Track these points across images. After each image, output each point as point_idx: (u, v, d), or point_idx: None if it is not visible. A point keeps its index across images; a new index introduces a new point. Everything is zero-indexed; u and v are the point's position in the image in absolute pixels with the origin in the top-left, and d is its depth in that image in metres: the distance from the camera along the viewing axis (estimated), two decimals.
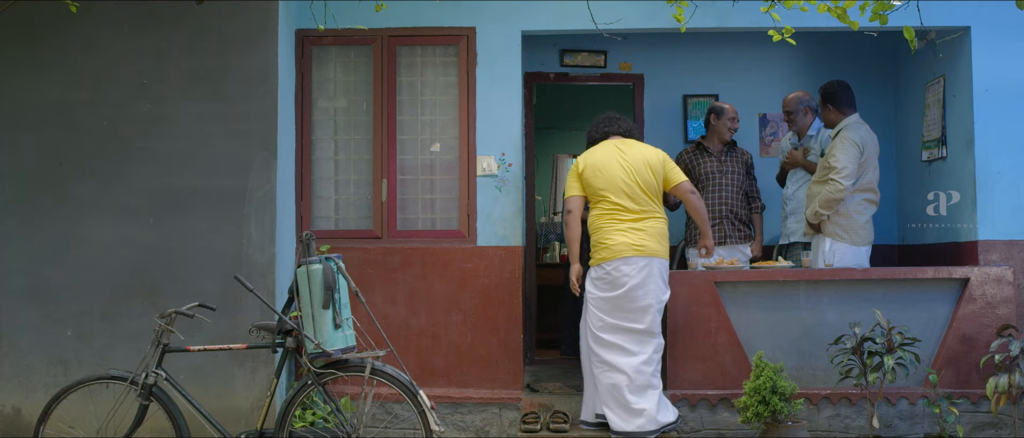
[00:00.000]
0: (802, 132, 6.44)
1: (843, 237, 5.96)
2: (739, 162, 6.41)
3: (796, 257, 6.25)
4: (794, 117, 6.42)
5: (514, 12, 6.02)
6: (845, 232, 5.95)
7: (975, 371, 5.56)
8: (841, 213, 5.92)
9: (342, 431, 4.53)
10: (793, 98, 6.46)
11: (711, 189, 6.31)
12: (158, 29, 5.61)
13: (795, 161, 6.40)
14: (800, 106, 6.41)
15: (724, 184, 6.32)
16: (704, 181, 6.32)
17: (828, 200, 5.82)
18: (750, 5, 5.78)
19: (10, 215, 5.57)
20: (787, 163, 6.51)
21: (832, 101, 6.06)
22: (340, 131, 6.13)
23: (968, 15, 5.97)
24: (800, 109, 6.41)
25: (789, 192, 6.51)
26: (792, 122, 6.45)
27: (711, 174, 6.34)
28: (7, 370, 5.49)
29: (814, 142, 6.38)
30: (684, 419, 5.70)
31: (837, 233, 5.93)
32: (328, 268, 4.45)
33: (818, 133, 6.38)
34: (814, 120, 6.42)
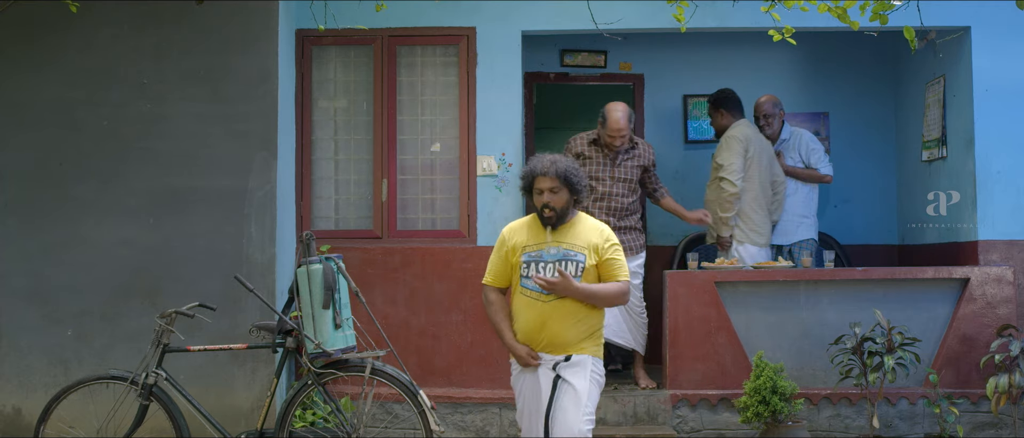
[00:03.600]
0: (773, 138, 6.42)
1: (746, 238, 6.12)
2: (635, 165, 5.91)
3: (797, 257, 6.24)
4: (771, 120, 6.40)
5: (514, 12, 6.02)
6: (746, 232, 6.11)
7: (975, 371, 5.56)
8: (741, 214, 6.08)
9: (342, 431, 4.53)
10: (768, 100, 6.45)
11: (598, 195, 5.80)
12: (158, 29, 5.61)
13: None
14: (777, 110, 6.41)
15: (614, 193, 5.83)
16: (590, 182, 5.71)
17: (722, 200, 6.00)
18: (750, 5, 5.78)
19: (10, 215, 5.56)
20: None
21: (724, 105, 6.32)
22: (340, 131, 6.13)
23: (968, 15, 5.97)
24: (777, 112, 6.40)
25: None
26: (768, 125, 6.41)
27: (601, 178, 5.83)
28: (7, 370, 5.49)
29: (788, 145, 6.38)
30: (684, 419, 5.70)
31: (739, 235, 6.12)
32: (328, 268, 4.45)
33: (791, 136, 6.39)
34: (784, 124, 6.43)
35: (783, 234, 6.36)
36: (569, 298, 4.01)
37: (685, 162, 7.38)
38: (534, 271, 4.06)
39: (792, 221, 6.34)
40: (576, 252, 4.07)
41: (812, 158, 6.33)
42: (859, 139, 7.32)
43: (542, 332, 4.03)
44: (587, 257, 4.07)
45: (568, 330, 4.02)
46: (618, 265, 4.11)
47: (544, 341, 4.04)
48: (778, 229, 6.33)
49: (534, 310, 4.05)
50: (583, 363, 4.05)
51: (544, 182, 4.06)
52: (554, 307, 4.01)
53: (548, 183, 4.06)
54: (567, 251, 4.07)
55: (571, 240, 4.09)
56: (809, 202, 6.38)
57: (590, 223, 4.20)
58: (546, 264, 4.05)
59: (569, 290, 3.95)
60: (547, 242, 4.10)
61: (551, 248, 4.08)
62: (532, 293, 4.05)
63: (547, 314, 4.02)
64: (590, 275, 4.07)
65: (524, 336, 4.08)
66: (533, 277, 4.00)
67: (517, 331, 4.10)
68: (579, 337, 4.05)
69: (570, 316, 4.03)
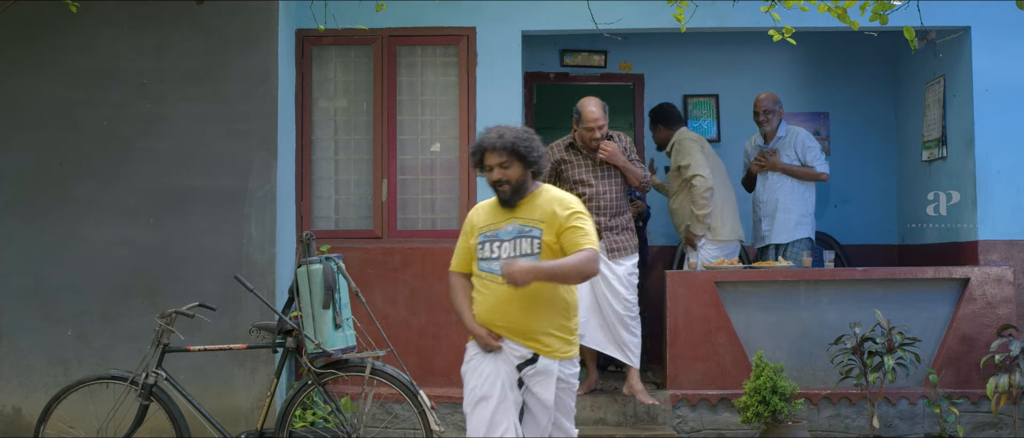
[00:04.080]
0: (770, 135, 6.41)
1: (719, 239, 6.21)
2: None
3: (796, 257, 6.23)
4: (770, 116, 6.35)
5: (514, 12, 6.02)
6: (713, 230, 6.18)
7: (975, 371, 5.56)
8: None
9: (342, 431, 4.53)
10: (767, 97, 6.41)
11: (586, 198, 5.50)
12: (158, 29, 5.61)
13: (772, 165, 6.31)
14: (777, 106, 6.37)
15: (601, 191, 5.60)
16: (577, 188, 5.57)
17: (697, 198, 6.02)
18: (750, 5, 5.78)
19: (10, 215, 5.56)
20: (757, 166, 6.41)
21: (663, 121, 6.46)
22: (340, 131, 6.13)
23: (968, 15, 5.97)
24: (776, 109, 6.36)
25: (763, 196, 6.41)
26: (767, 121, 6.37)
27: (585, 181, 5.61)
28: (7, 370, 5.49)
29: (784, 143, 6.34)
30: (684, 419, 5.70)
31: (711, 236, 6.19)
32: (328, 268, 4.46)
33: (787, 134, 6.35)
34: (781, 121, 6.40)
35: (779, 233, 6.29)
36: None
37: None
38: (489, 251, 3.77)
39: (788, 220, 6.28)
40: (531, 227, 3.74)
41: (808, 156, 6.27)
42: (859, 139, 7.32)
43: (499, 316, 3.71)
44: (544, 231, 3.71)
45: (529, 314, 3.68)
46: (581, 233, 3.70)
47: (501, 325, 3.72)
48: (774, 228, 6.28)
49: (492, 293, 3.73)
50: (549, 372, 3.70)
51: (492, 157, 3.74)
52: (510, 289, 3.62)
53: (496, 158, 3.73)
54: (523, 227, 3.75)
55: (528, 214, 3.76)
56: (805, 201, 6.30)
57: (552, 194, 3.83)
58: (501, 242, 3.75)
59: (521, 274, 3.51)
60: (504, 219, 3.79)
61: (507, 226, 3.77)
62: (488, 275, 3.74)
63: (506, 297, 3.66)
64: (550, 251, 3.71)
65: (482, 320, 3.76)
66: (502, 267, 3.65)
67: (476, 315, 3.79)
68: (543, 325, 3.70)
69: (531, 298, 3.67)
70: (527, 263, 3.60)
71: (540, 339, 3.70)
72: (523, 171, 3.75)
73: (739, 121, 7.13)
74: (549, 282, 3.66)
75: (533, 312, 3.69)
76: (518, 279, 3.53)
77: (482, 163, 3.80)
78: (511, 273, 3.52)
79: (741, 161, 6.69)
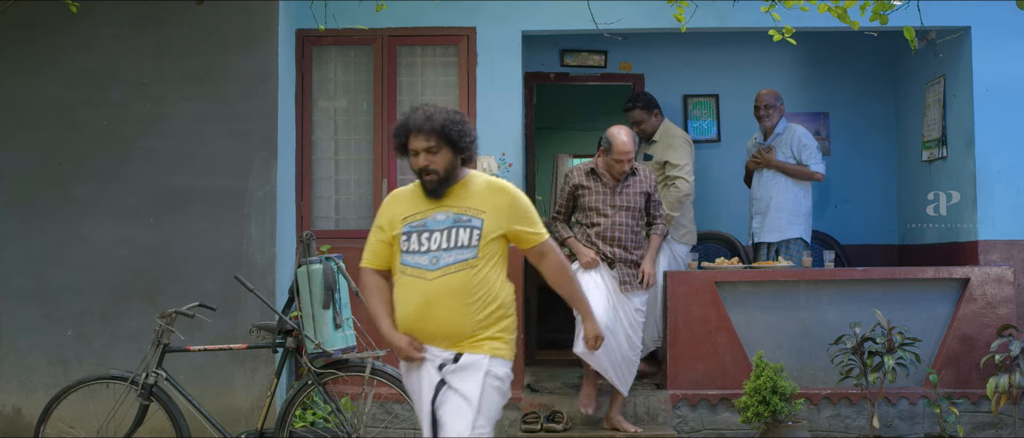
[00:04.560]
0: (768, 132, 6.39)
1: (679, 237, 6.17)
2: (637, 192, 5.48)
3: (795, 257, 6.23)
4: (771, 111, 6.32)
5: (514, 12, 6.02)
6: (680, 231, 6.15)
7: (975, 371, 5.56)
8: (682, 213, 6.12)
9: (342, 431, 4.53)
10: (769, 92, 6.38)
11: (599, 223, 5.39)
12: (158, 29, 5.61)
13: (767, 162, 6.29)
14: (777, 102, 6.33)
15: (618, 222, 5.41)
16: (590, 214, 5.42)
17: (679, 200, 6.02)
18: (750, 5, 5.78)
19: (10, 215, 5.56)
20: (755, 163, 6.40)
21: (655, 105, 6.37)
22: (340, 131, 6.13)
23: (968, 15, 5.97)
24: (777, 105, 6.33)
25: (757, 193, 6.39)
26: (768, 117, 6.34)
27: (600, 207, 5.42)
28: (7, 370, 5.49)
29: (780, 140, 6.31)
30: (684, 419, 5.70)
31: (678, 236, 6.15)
32: (328, 268, 4.46)
33: (785, 131, 6.31)
34: (781, 118, 6.37)
35: (770, 231, 6.25)
36: (464, 273, 3.26)
37: None
38: (416, 244, 3.30)
39: (782, 219, 6.23)
40: (470, 216, 3.31)
41: (803, 155, 6.20)
42: (859, 139, 7.32)
43: (427, 319, 3.27)
44: (486, 221, 3.31)
45: (460, 316, 3.26)
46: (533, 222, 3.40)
47: (429, 331, 3.28)
48: (768, 227, 6.25)
49: (417, 291, 3.28)
50: (477, 365, 3.26)
51: (418, 141, 3.29)
52: (443, 285, 3.24)
53: (423, 141, 3.28)
54: (459, 216, 3.31)
55: (463, 202, 3.34)
56: (799, 200, 6.24)
57: (486, 180, 3.43)
58: (431, 233, 3.31)
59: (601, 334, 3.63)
60: (433, 207, 3.34)
61: (437, 214, 3.32)
62: (415, 270, 3.29)
63: (434, 296, 3.25)
64: (493, 245, 3.33)
65: (406, 325, 3.32)
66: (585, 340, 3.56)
67: (399, 320, 3.34)
68: (475, 326, 3.28)
69: (463, 297, 3.26)
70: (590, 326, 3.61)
71: (472, 340, 3.29)
72: (452, 158, 3.33)
73: (739, 121, 7.13)
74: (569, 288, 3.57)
75: (467, 313, 3.27)
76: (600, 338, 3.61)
77: (405, 147, 3.35)
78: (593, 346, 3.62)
79: (741, 161, 6.69)
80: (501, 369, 3.32)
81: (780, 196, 6.25)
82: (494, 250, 3.34)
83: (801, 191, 6.26)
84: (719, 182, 7.20)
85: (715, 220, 7.18)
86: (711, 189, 7.24)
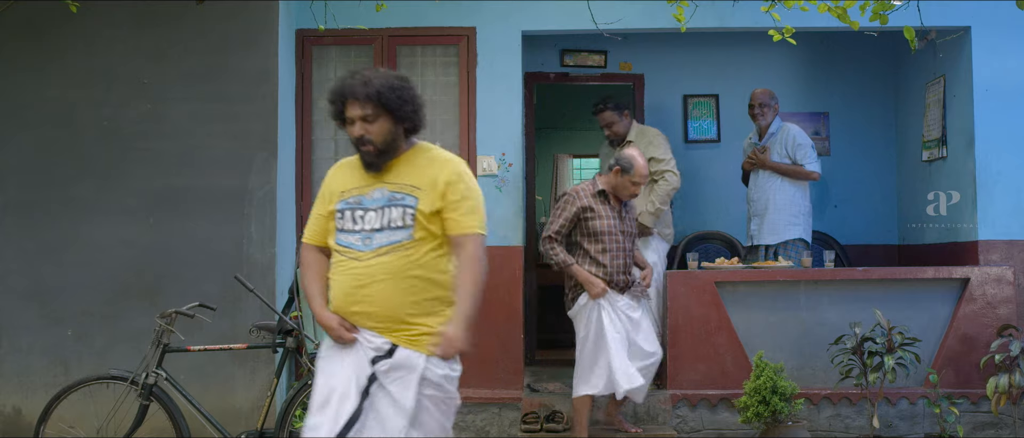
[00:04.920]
0: (763, 131, 6.36)
1: (664, 235, 6.13)
2: (635, 215, 5.51)
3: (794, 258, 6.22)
4: (765, 110, 6.27)
5: (514, 12, 6.02)
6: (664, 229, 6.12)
7: (975, 371, 5.56)
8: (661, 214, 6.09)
9: None
10: (764, 92, 6.33)
11: (610, 248, 5.19)
12: (158, 29, 5.61)
13: (761, 163, 6.26)
14: (771, 101, 6.29)
15: (627, 247, 5.29)
16: (602, 239, 5.20)
17: (664, 194, 5.94)
18: (750, 5, 5.79)
19: (10, 215, 5.56)
20: (750, 164, 6.38)
21: (625, 106, 6.22)
22: (340, 131, 6.09)
23: (968, 15, 5.97)
24: (770, 103, 6.28)
25: (754, 195, 6.35)
26: (762, 115, 6.29)
27: (611, 232, 5.22)
28: (7, 370, 5.49)
29: (775, 140, 6.27)
30: (684, 419, 5.70)
31: (663, 232, 6.12)
32: None
33: (779, 131, 6.27)
34: (775, 118, 6.34)
35: (769, 233, 6.21)
36: (396, 255, 3.01)
37: (685, 162, 7.36)
38: (350, 221, 3.07)
39: (780, 220, 6.19)
40: (405, 193, 3.05)
41: (798, 154, 6.15)
42: (859, 139, 7.32)
43: (359, 302, 3.02)
44: (421, 199, 3.03)
45: (393, 299, 3.00)
46: (467, 209, 3.06)
47: (364, 312, 3.02)
48: (765, 228, 6.22)
49: (348, 273, 3.04)
50: (411, 366, 2.98)
51: (354, 108, 3.05)
52: (375, 267, 2.99)
53: (359, 108, 3.04)
54: (393, 194, 3.06)
55: (401, 178, 3.08)
56: (795, 201, 6.19)
57: (433, 154, 3.15)
58: (366, 211, 3.06)
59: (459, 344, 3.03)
60: (371, 183, 3.10)
61: (374, 191, 3.08)
62: (347, 249, 3.06)
63: (367, 276, 3.00)
64: (425, 226, 3.04)
65: (337, 307, 3.07)
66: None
67: (331, 301, 3.11)
68: (411, 311, 3.02)
69: (397, 281, 3.00)
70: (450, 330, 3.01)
71: (409, 330, 3.02)
72: (392, 127, 3.07)
73: (739, 121, 7.13)
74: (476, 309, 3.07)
75: (401, 296, 3.00)
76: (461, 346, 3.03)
77: (342, 115, 3.11)
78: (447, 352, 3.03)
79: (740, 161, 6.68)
80: (439, 369, 3.04)
81: (777, 197, 6.20)
82: (436, 230, 3.06)
83: (798, 191, 6.21)
84: (719, 182, 7.20)
85: (715, 220, 7.18)
86: (711, 189, 7.24)
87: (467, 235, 3.07)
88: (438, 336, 3.03)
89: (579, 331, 5.25)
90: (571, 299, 5.26)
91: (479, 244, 3.09)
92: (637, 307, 5.28)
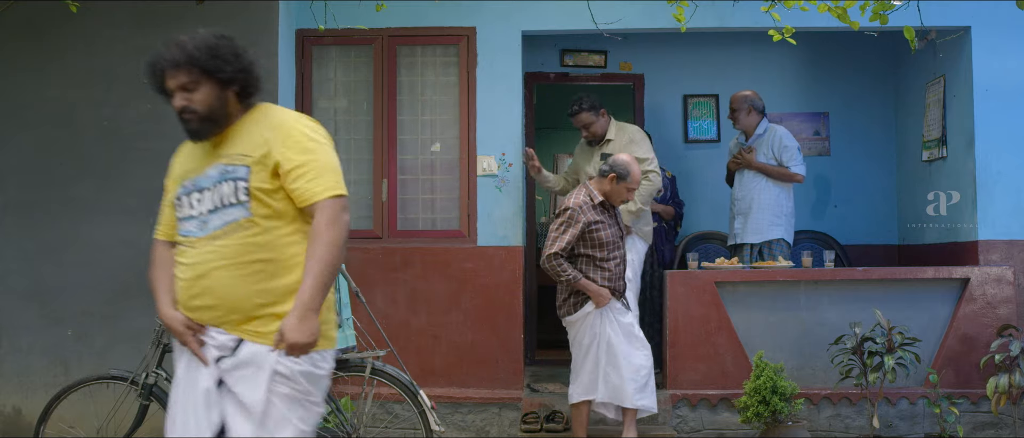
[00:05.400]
0: (749, 132, 6.35)
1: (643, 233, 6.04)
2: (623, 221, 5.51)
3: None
4: (738, 115, 6.27)
5: (514, 12, 6.02)
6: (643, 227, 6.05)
7: (975, 371, 5.56)
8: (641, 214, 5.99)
9: (342, 431, 4.53)
10: (739, 96, 6.32)
11: (613, 256, 5.16)
12: (158, 29, 5.60)
13: (747, 163, 6.24)
14: (744, 105, 6.27)
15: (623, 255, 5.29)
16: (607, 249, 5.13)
17: (649, 194, 5.84)
18: (750, 5, 5.79)
19: (10, 215, 5.57)
20: (735, 164, 6.37)
21: (601, 105, 5.96)
22: (340, 131, 6.13)
23: (968, 15, 5.97)
24: (743, 107, 6.27)
25: (738, 194, 6.34)
26: (735, 120, 6.31)
27: (612, 240, 5.18)
28: (7, 370, 5.49)
29: (761, 141, 6.26)
30: (684, 419, 5.70)
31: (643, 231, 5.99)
32: None
33: (766, 132, 6.26)
34: (761, 120, 6.32)
35: (752, 232, 6.19)
36: (234, 236, 2.63)
37: (685, 162, 7.38)
38: (188, 207, 2.72)
39: (764, 220, 6.18)
40: (235, 165, 2.65)
41: (784, 155, 6.15)
42: (859, 139, 7.33)
43: (197, 294, 2.66)
44: (252, 169, 2.63)
45: (233, 288, 2.60)
46: (313, 172, 2.62)
47: (202, 306, 2.66)
48: (749, 228, 6.20)
49: (187, 262, 2.69)
50: (259, 363, 2.57)
51: (172, 78, 2.68)
52: (211, 252, 2.63)
53: (176, 78, 2.67)
54: (226, 167, 2.67)
55: (233, 148, 2.69)
56: (779, 202, 6.17)
57: (270, 115, 2.74)
58: (202, 192, 2.69)
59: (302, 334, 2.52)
60: (207, 161, 2.73)
61: (210, 169, 2.70)
62: (186, 239, 2.72)
63: (202, 265, 2.64)
64: (269, 201, 2.64)
65: (181, 301, 2.73)
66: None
67: (177, 297, 2.77)
68: (258, 300, 2.61)
69: (236, 266, 2.60)
70: (287, 323, 2.53)
71: (259, 323, 2.63)
72: (217, 91, 2.68)
73: None
74: (321, 293, 2.60)
75: (245, 282, 2.61)
76: (303, 340, 2.53)
77: (165, 89, 2.74)
78: (292, 345, 2.54)
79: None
80: (294, 365, 2.58)
81: (762, 197, 6.19)
82: (282, 207, 2.65)
83: (782, 192, 6.20)
84: (719, 182, 7.19)
85: (715, 220, 7.18)
86: (711, 189, 7.24)
87: (317, 203, 2.61)
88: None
89: (582, 338, 5.17)
90: (573, 305, 5.16)
91: (333, 209, 2.60)
92: (627, 312, 5.26)
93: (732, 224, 6.41)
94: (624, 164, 5.15)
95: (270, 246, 2.63)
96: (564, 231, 5.06)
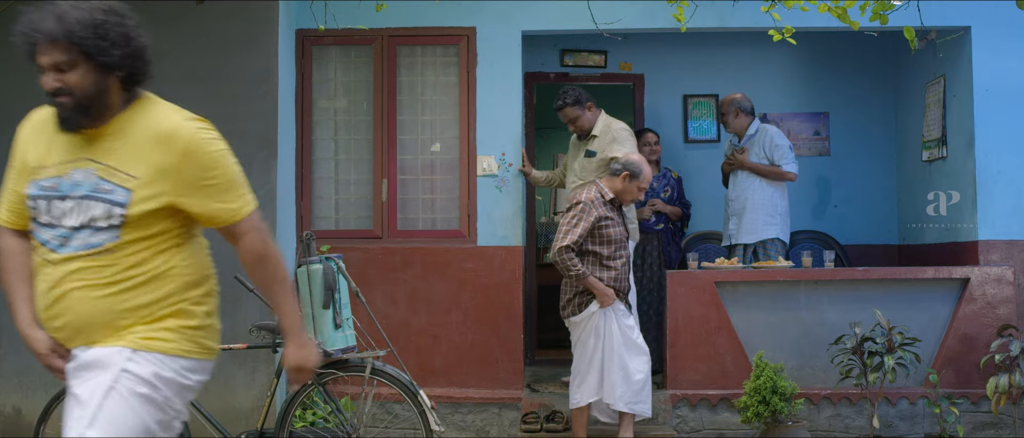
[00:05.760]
0: (740, 134, 6.35)
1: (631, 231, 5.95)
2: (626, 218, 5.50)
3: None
4: (726, 118, 6.30)
5: (514, 12, 6.02)
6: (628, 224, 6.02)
7: (975, 371, 5.56)
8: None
9: (342, 431, 4.53)
10: (726, 100, 6.35)
11: (620, 254, 5.17)
12: (158, 29, 5.55)
13: (740, 163, 6.24)
14: (731, 108, 6.29)
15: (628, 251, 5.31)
16: (614, 246, 5.14)
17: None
18: (750, 5, 5.79)
19: None
20: (728, 165, 6.37)
21: (588, 98, 5.84)
22: (340, 131, 6.13)
23: (968, 15, 5.97)
24: (731, 110, 6.28)
25: (732, 194, 6.34)
26: (725, 123, 6.35)
27: (620, 238, 5.18)
28: (7, 370, 5.49)
29: (754, 141, 6.26)
30: (684, 419, 5.70)
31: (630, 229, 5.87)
32: (328, 268, 4.45)
33: (758, 132, 6.26)
34: (752, 121, 6.31)
35: (746, 233, 6.19)
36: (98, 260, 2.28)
37: (685, 162, 7.38)
38: (45, 214, 2.30)
39: (758, 220, 6.18)
40: (114, 185, 2.26)
41: (775, 155, 6.15)
42: (859, 139, 7.33)
43: (57, 315, 2.33)
44: (135, 193, 2.27)
45: (96, 308, 2.28)
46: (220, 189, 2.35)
47: (63, 327, 2.33)
48: (743, 228, 6.20)
49: (45, 278, 2.32)
50: (107, 362, 2.26)
51: (45, 54, 2.33)
52: (78, 273, 2.28)
53: (50, 55, 2.32)
54: (100, 182, 2.27)
55: (112, 159, 2.28)
56: (773, 201, 6.17)
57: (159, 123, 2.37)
58: (65, 200, 2.29)
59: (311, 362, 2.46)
60: (73, 159, 2.31)
61: (76, 172, 2.29)
62: (42, 247, 2.33)
63: (61, 285, 2.29)
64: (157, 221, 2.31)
65: (42, 319, 2.40)
66: None
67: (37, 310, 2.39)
68: (131, 319, 2.30)
69: (100, 287, 2.27)
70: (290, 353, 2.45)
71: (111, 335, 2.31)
72: (96, 77, 2.30)
73: None
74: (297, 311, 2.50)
75: (111, 301, 2.29)
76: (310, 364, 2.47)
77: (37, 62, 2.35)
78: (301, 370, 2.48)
79: None
80: (146, 368, 2.26)
81: (755, 197, 6.19)
82: (161, 227, 2.32)
83: (776, 192, 6.20)
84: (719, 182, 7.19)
85: (715, 220, 7.17)
86: (711, 189, 7.23)
87: (236, 223, 2.39)
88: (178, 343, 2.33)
89: (587, 339, 5.16)
90: (578, 305, 5.14)
91: (257, 223, 2.40)
92: (629, 314, 5.26)
93: (726, 225, 6.42)
94: (637, 163, 5.17)
95: (141, 264, 2.31)
96: (576, 223, 5.05)
